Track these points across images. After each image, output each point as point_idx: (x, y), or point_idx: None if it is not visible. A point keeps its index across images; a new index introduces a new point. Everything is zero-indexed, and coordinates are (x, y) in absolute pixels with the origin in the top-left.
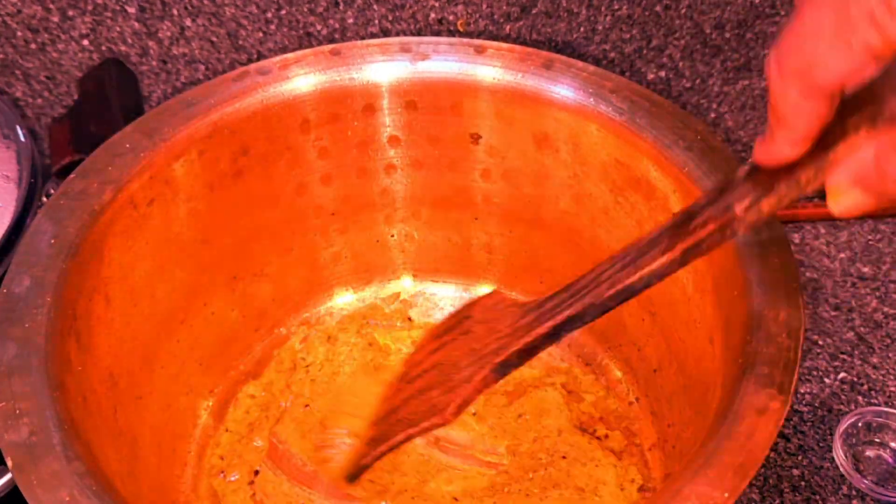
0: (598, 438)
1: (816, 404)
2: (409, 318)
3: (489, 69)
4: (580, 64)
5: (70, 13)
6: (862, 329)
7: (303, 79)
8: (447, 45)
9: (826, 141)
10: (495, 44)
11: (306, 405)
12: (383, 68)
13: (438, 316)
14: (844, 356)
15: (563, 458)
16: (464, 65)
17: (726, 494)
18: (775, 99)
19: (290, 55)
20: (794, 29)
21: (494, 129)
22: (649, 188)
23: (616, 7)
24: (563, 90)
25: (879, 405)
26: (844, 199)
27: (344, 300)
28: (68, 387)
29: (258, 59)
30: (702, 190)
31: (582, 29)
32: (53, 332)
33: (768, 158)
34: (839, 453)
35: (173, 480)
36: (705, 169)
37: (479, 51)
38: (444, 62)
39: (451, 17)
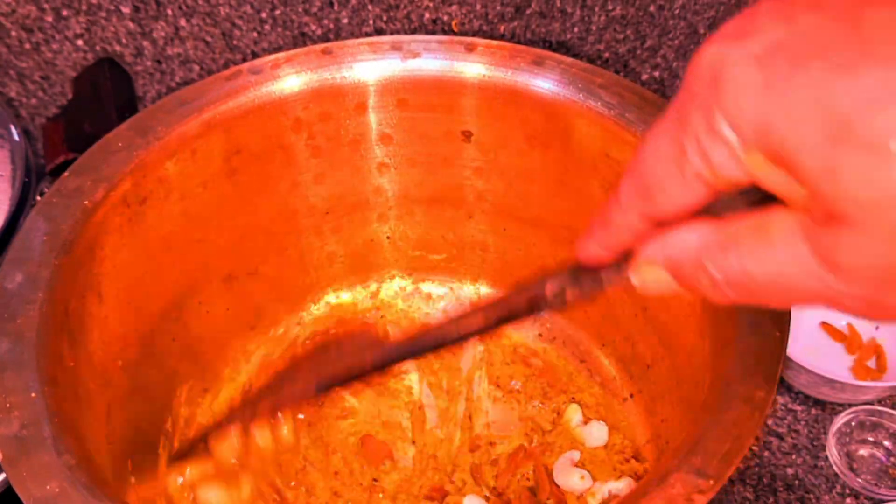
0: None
1: (810, 403)
2: (404, 317)
3: (479, 66)
4: (569, 60)
5: (64, 13)
6: None
7: (295, 78)
8: (437, 43)
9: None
10: (485, 41)
11: None
12: (374, 66)
13: (432, 313)
14: None
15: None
16: (454, 62)
17: (712, 481)
18: (610, 211)
19: (281, 54)
20: (638, 153)
21: (486, 127)
22: None
23: (610, 7)
24: (553, 86)
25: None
26: (649, 274)
27: (338, 299)
28: (60, 382)
29: (252, 59)
30: None
31: (576, 29)
32: (45, 328)
33: (582, 254)
34: (833, 452)
35: (165, 476)
36: None
37: (470, 48)
38: (434, 60)
39: (445, 18)
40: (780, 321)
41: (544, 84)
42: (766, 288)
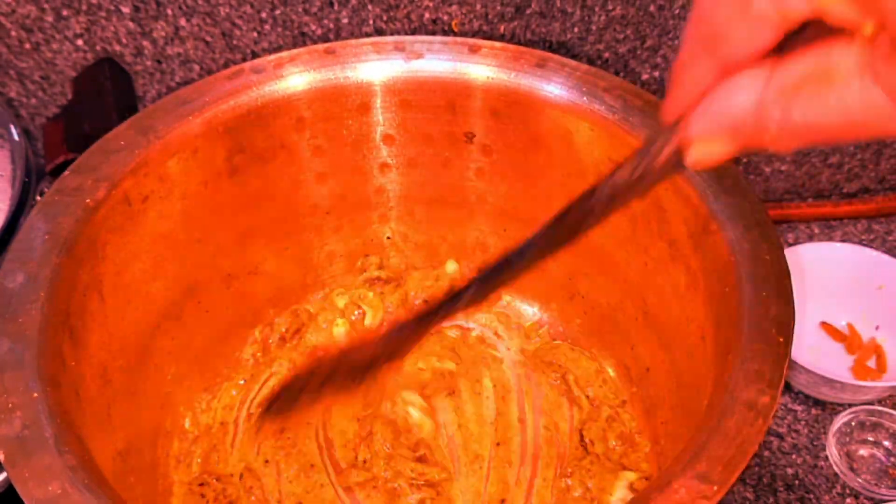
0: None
1: (810, 403)
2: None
3: (483, 68)
4: (573, 63)
5: (64, 13)
6: None
7: (297, 77)
8: (441, 44)
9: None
10: (489, 43)
11: None
12: (377, 67)
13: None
14: None
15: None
16: (458, 64)
17: (715, 488)
18: (678, 66)
19: (284, 54)
20: (698, 1)
21: (488, 128)
22: None
23: (610, 7)
24: (557, 89)
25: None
26: (705, 148)
27: (339, 299)
28: (61, 382)
29: (252, 59)
30: (692, 186)
31: (576, 29)
32: (47, 327)
33: (666, 116)
34: (833, 452)
35: (167, 476)
36: None
37: (473, 50)
38: (438, 61)
39: (445, 17)
40: (783, 326)
41: (548, 87)
42: (832, 130)
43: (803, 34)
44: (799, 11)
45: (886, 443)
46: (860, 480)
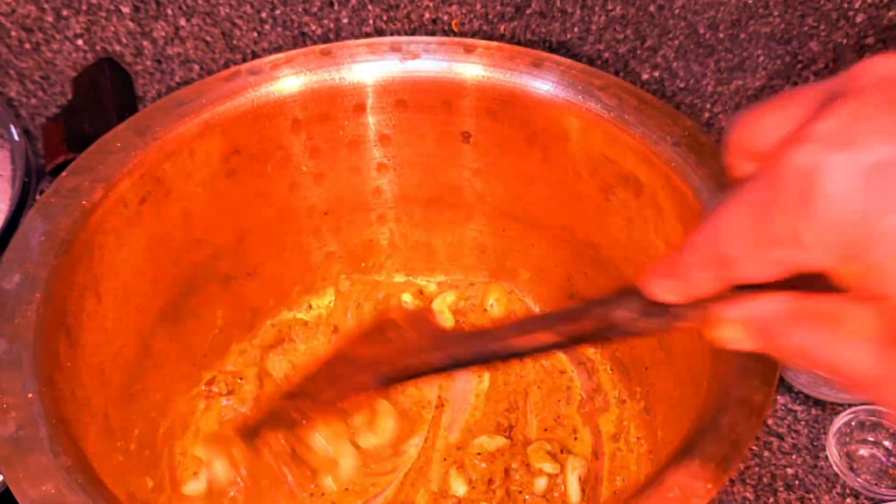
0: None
1: (810, 403)
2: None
3: (478, 68)
4: (568, 62)
5: (64, 13)
6: None
7: (293, 78)
8: (437, 44)
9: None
10: (484, 43)
11: None
12: (373, 67)
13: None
14: None
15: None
16: (453, 63)
17: (709, 485)
18: (685, 262)
19: (280, 55)
20: (714, 224)
21: (484, 128)
22: (638, 185)
23: (610, 7)
24: (552, 88)
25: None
26: (727, 332)
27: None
28: (57, 383)
29: (252, 59)
30: (689, 185)
31: (576, 29)
32: (43, 328)
33: (650, 292)
34: (833, 452)
35: (164, 477)
36: (693, 165)
37: (469, 49)
38: (433, 61)
39: (445, 17)
40: None
41: (543, 86)
42: (831, 370)
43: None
44: (813, 268)
45: (886, 443)
46: (860, 480)
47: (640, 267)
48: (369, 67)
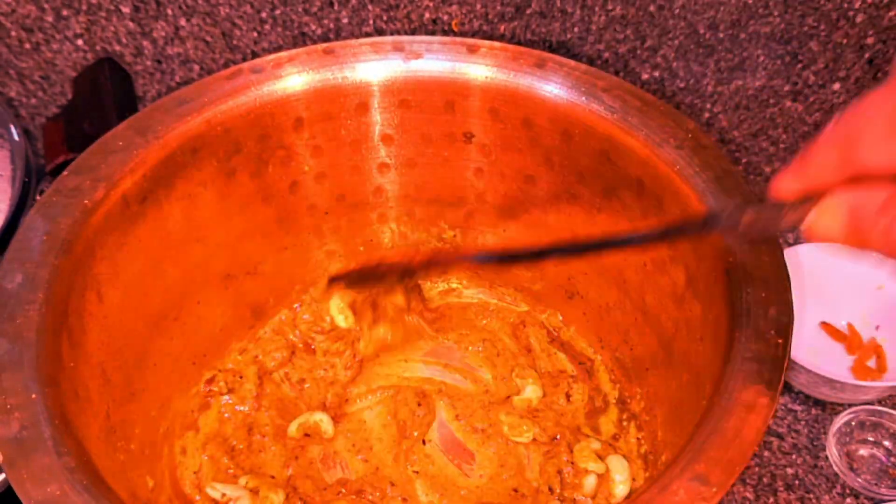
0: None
1: (810, 403)
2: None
3: (482, 68)
4: (572, 63)
5: (64, 13)
6: None
7: (296, 77)
8: (440, 44)
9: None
10: (488, 43)
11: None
12: (376, 67)
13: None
14: None
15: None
16: (456, 63)
17: (714, 489)
18: (817, 141)
19: (283, 54)
20: (860, 104)
21: (487, 128)
22: (640, 186)
23: (610, 7)
24: (555, 89)
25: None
26: (826, 218)
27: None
28: (60, 383)
29: (252, 59)
30: (691, 188)
31: (576, 29)
32: (45, 328)
33: (778, 187)
34: (833, 452)
35: (164, 475)
36: (696, 167)
37: (472, 50)
38: (436, 61)
39: (445, 17)
40: (783, 327)
41: (546, 86)
42: None
43: None
44: None
45: (886, 443)
46: (860, 480)
47: (641, 267)
48: (372, 67)
